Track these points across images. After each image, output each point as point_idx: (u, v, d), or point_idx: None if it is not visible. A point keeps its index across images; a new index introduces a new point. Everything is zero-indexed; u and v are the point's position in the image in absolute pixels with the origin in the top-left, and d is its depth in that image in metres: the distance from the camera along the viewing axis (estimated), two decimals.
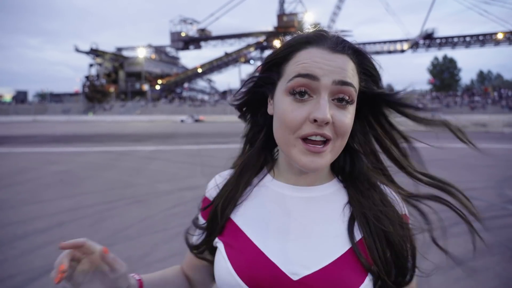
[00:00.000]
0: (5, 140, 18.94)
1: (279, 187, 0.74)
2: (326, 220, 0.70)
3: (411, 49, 75.18)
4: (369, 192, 0.72)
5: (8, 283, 3.23)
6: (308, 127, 0.63)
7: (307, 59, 0.64)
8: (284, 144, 0.67)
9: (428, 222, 0.83)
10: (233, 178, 0.79)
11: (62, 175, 8.53)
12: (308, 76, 0.63)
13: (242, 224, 0.73)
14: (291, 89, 0.64)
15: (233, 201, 0.75)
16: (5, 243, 4.19)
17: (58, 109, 75.30)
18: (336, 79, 0.63)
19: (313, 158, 0.64)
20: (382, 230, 0.67)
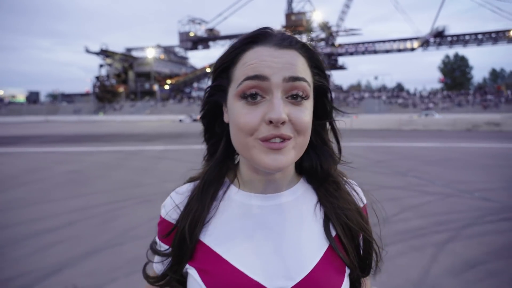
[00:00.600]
0: (18, 140, 19.26)
1: (246, 197, 0.71)
2: (299, 224, 0.68)
3: (422, 47, 74.28)
4: (337, 192, 0.72)
5: (19, 282, 3.26)
6: (265, 129, 0.60)
7: (254, 59, 0.61)
8: (243, 149, 0.63)
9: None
10: (196, 195, 0.72)
11: (72, 175, 8.63)
12: (257, 77, 0.60)
13: (214, 245, 0.68)
14: (241, 93, 0.61)
15: (201, 220, 0.69)
16: (16, 241, 4.24)
17: (69, 109, 76.30)
18: (286, 76, 0.60)
19: (275, 156, 0.60)
20: (352, 227, 0.70)
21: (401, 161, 10.43)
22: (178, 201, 0.74)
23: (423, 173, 8.44)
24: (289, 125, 0.60)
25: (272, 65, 0.60)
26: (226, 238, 0.68)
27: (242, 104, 0.61)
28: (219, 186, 0.73)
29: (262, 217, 0.68)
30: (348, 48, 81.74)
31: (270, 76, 0.59)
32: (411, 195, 6.35)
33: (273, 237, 0.66)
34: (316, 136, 0.74)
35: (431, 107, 57.90)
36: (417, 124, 27.44)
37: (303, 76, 0.62)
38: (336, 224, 0.69)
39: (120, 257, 3.75)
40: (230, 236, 0.68)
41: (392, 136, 19.81)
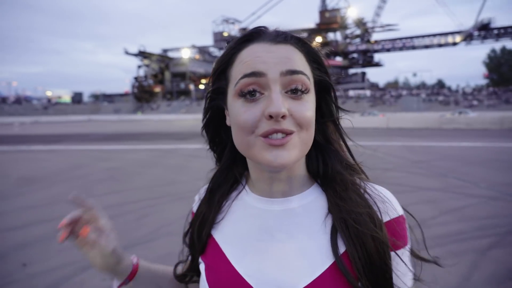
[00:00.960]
0: (63, 138, 20.40)
1: (254, 200, 0.70)
2: (306, 234, 0.63)
3: (464, 41, 70.68)
4: (346, 192, 0.64)
5: (62, 272, 3.46)
6: (266, 124, 0.58)
7: (249, 57, 0.60)
8: (245, 148, 0.62)
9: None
10: (205, 197, 0.77)
11: (111, 172, 9.02)
12: (253, 74, 0.59)
13: (221, 242, 0.70)
14: (239, 91, 0.60)
15: (210, 220, 0.73)
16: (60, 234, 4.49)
17: (109, 109, 79.83)
18: (283, 70, 0.59)
19: (277, 152, 0.58)
20: (362, 235, 0.59)
21: (441, 162, 9.97)
22: (201, 197, 0.79)
23: (465, 174, 8.02)
24: (291, 120, 0.59)
25: (267, 60, 0.59)
26: (232, 237, 0.69)
27: (241, 102, 0.60)
28: (229, 189, 0.75)
29: (267, 221, 0.67)
30: (384, 44, 79.32)
31: (266, 71, 0.58)
32: (451, 197, 6.06)
33: (275, 244, 0.64)
34: (319, 135, 0.70)
35: (475, 104, 54.95)
36: (459, 123, 26.09)
37: (301, 69, 0.60)
38: (344, 234, 0.60)
39: (153, 252, 3.86)
40: (236, 236, 0.69)
41: (432, 135, 18.99)
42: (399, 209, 0.66)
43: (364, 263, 0.59)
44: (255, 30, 0.65)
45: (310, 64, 0.64)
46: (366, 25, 79.79)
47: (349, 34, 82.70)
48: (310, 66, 0.64)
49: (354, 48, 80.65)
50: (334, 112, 0.70)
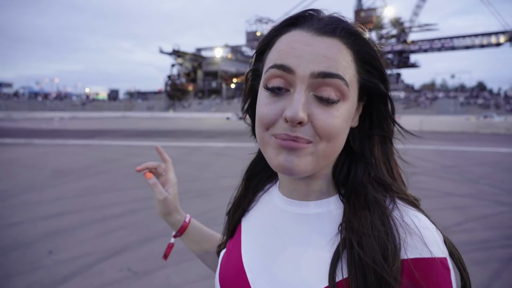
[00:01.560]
0: (97, 133, 21.28)
1: (277, 197, 0.67)
2: (311, 245, 0.56)
3: (509, 42, 66.87)
4: (363, 210, 0.54)
5: (83, 260, 3.64)
6: (281, 126, 0.52)
7: (285, 45, 0.53)
8: (260, 144, 0.57)
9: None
10: (242, 184, 0.77)
11: None
12: (282, 67, 0.52)
13: (244, 232, 0.70)
14: (265, 82, 0.55)
15: (242, 206, 0.74)
16: (86, 224, 4.72)
17: (143, 106, 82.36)
18: (315, 71, 0.50)
19: (288, 156, 0.52)
20: (364, 264, 0.49)
21: (474, 167, 9.54)
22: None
23: (498, 181, 7.63)
24: (310, 128, 0.51)
25: (302, 54, 0.51)
26: (253, 230, 0.68)
27: (267, 94, 0.55)
28: (267, 178, 0.75)
29: (280, 221, 0.63)
30: (421, 44, 76.65)
31: (295, 69, 0.51)
32: (480, 204, 5.79)
33: (280, 247, 0.60)
34: (357, 144, 0.62)
35: None
36: (498, 127, 24.77)
37: (339, 72, 0.51)
38: (348, 256, 0.51)
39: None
40: (255, 229, 0.68)
41: (467, 140, 18.16)
42: (435, 250, 0.49)
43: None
44: (303, 13, 0.57)
45: (358, 66, 0.55)
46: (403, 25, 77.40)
47: (385, 34, 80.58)
48: (357, 68, 0.54)
49: (389, 49, 78.48)
50: (386, 127, 0.61)
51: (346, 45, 0.53)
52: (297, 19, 0.56)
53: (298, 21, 0.56)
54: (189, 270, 3.41)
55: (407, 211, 0.53)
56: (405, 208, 0.54)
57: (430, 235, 0.50)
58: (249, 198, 0.74)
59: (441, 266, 0.48)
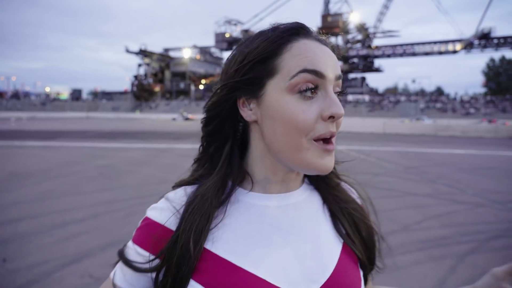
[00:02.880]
0: (59, 134, 20.37)
1: (260, 199, 0.64)
2: (314, 223, 0.67)
3: (465, 49, 70.98)
4: (338, 187, 0.72)
5: (41, 268, 3.47)
6: (322, 126, 0.57)
7: (308, 52, 0.58)
8: (293, 150, 0.58)
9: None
10: (196, 206, 0.62)
11: (103, 169, 9.02)
12: (315, 73, 0.57)
13: (224, 253, 0.59)
14: (296, 87, 0.57)
15: (206, 229, 0.60)
16: (44, 230, 4.51)
17: (108, 106, 79.70)
18: (337, 74, 0.60)
19: (329, 157, 0.59)
20: (357, 219, 0.70)
21: (433, 168, 10.02)
22: (177, 206, 0.63)
23: (454, 181, 8.07)
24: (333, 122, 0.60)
25: (327, 62, 0.58)
26: (239, 243, 0.60)
27: (296, 98, 0.57)
28: (224, 191, 0.64)
29: (278, 218, 0.63)
30: (385, 50, 79.57)
31: (326, 74, 0.58)
32: (438, 203, 6.10)
33: (291, 239, 0.62)
34: None
35: (472, 112, 55.16)
36: (455, 130, 26.19)
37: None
38: (343, 220, 0.69)
39: None
40: (244, 241, 0.61)
41: (426, 142, 19.05)
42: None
43: (360, 243, 0.69)
44: (300, 24, 0.63)
45: None
46: (368, 30, 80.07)
47: (351, 39, 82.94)
48: None
49: (355, 53, 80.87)
50: None
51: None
52: (298, 29, 0.61)
53: (299, 31, 0.61)
54: None
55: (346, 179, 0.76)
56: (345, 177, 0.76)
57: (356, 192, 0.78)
58: (210, 220, 0.61)
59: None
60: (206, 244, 0.60)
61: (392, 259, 3.69)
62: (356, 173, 0.80)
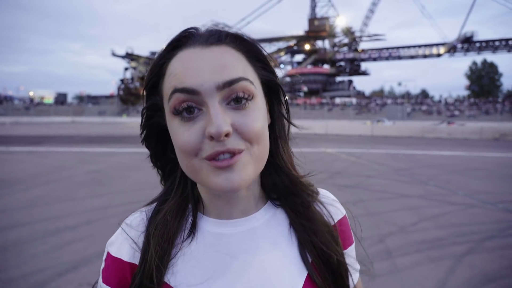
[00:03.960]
0: (45, 139, 19.95)
1: (213, 225, 0.61)
2: (275, 250, 0.61)
3: (448, 53, 72.57)
4: (307, 213, 0.64)
5: (37, 277, 3.37)
6: (209, 146, 0.51)
7: (179, 68, 0.53)
8: (191, 173, 0.55)
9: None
10: (159, 230, 0.60)
11: (93, 175, 8.86)
12: (185, 91, 0.51)
13: (182, 286, 0.57)
14: (173, 109, 0.53)
15: (166, 259, 0.58)
16: (37, 238, 4.39)
17: (94, 111, 78.61)
18: (220, 83, 0.51)
19: (227, 175, 0.51)
20: (328, 255, 0.62)
21: (423, 169, 10.17)
22: (133, 236, 0.62)
23: (445, 182, 8.20)
24: (237, 136, 0.52)
25: (199, 73, 0.51)
26: (195, 276, 0.58)
27: (178, 121, 0.53)
28: (184, 216, 0.63)
29: (233, 246, 0.60)
30: (371, 53, 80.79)
31: (199, 88, 0.51)
32: (431, 204, 6.17)
33: (249, 269, 0.58)
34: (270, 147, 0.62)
35: (457, 114, 56.34)
36: (441, 132, 26.71)
37: (241, 75, 0.53)
38: (310, 249, 0.61)
39: None
40: (199, 273, 0.58)
41: (414, 144, 19.34)
42: (342, 209, 0.71)
43: (328, 275, 0.62)
44: (184, 33, 0.57)
45: (252, 64, 0.57)
46: (354, 34, 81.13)
47: (337, 42, 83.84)
48: (253, 66, 0.57)
49: (342, 57, 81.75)
50: (282, 121, 0.64)
51: (235, 49, 0.55)
52: (179, 41, 0.56)
53: (181, 42, 0.55)
54: None
55: (321, 193, 0.70)
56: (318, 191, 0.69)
57: (336, 200, 0.71)
58: (169, 251, 0.59)
59: (347, 218, 0.71)
60: (167, 278, 0.58)
61: (392, 261, 3.72)
62: (348, 176, 0.77)
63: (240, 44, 0.56)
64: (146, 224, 0.63)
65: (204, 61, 0.52)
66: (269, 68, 0.60)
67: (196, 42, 0.54)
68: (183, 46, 0.55)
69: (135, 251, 0.61)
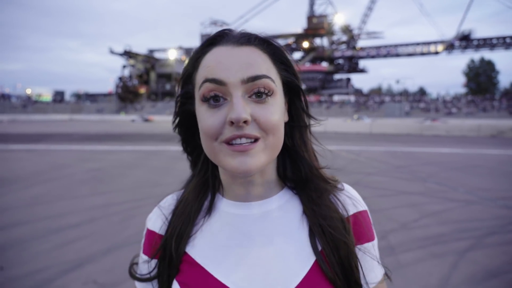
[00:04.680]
0: (43, 137, 19.89)
1: (230, 206, 0.68)
2: (285, 234, 0.65)
3: (446, 51, 72.65)
4: (320, 199, 0.67)
5: (41, 275, 3.38)
6: (228, 130, 0.57)
7: (211, 61, 0.60)
8: (211, 154, 0.61)
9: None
10: (180, 209, 0.71)
11: (94, 173, 8.86)
12: (214, 81, 0.58)
13: (199, 257, 0.65)
14: (202, 96, 0.60)
15: (186, 234, 0.68)
16: (40, 236, 4.39)
17: (92, 108, 78.40)
18: (245, 77, 0.58)
19: (242, 158, 0.57)
20: (337, 240, 0.64)
21: (422, 167, 10.21)
22: (166, 213, 0.72)
23: (444, 179, 8.23)
24: (255, 125, 0.58)
25: (229, 66, 0.58)
26: (211, 250, 0.65)
27: (205, 107, 0.60)
28: (205, 197, 0.71)
29: (245, 226, 0.66)
30: (369, 51, 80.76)
31: (227, 80, 0.58)
32: (432, 201, 6.20)
33: (257, 249, 0.64)
34: (289, 138, 0.69)
35: (454, 112, 56.46)
36: (439, 130, 26.82)
37: (264, 73, 0.59)
38: (320, 235, 0.64)
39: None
40: (214, 247, 0.65)
41: (413, 141, 19.40)
42: (363, 204, 0.71)
43: (337, 264, 0.63)
44: (219, 33, 0.64)
45: (276, 65, 0.63)
46: (352, 32, 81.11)
47: (336, 40, 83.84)
48: (276, 68, 0.63)
49: (340, 54, 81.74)
50: (303, 117, 0.69)
51: (262, 51, 0.62)
52: (215, 39, 0.63)
53: (216, 40, 0.63)
54: None
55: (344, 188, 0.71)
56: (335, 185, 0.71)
57: (357, 196, 0.72)
58: (191, 225, 0.68)
59: (367, 215, 0.71)
60: (187, 248, 0.67)
61: (395, 257, 3.74)
62: (348, 173, 0.77)
63: (267, 47, 0.63)
64: (175, 203, 0.74)
65: (234, 58, 0.59)
66: (291, 70, 0.66)
67: (229, 41, 0.61)
68: (218, 43, 0.62)
69: (164, 224, 0.72)
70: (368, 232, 0.69)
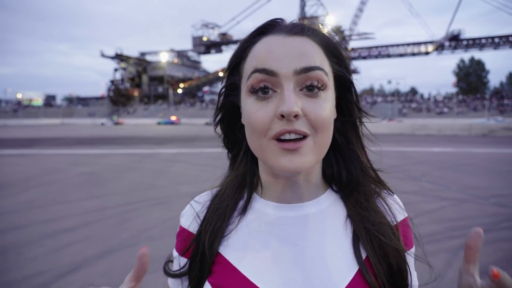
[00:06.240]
0: (35, 142, 19.70)
1: (268, 207, 0.64)
2: (327, 240, 0.60)
3: (436, 51, 73.39)
4: (368, 203, 0.63)
5: (38, 280, 3.36)
6: (278, 125, 0.53)
7: (262, 51, 0.56)
8: (258, 151, 0.58)
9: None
10: (215, 206, 0.67)
11: (87, 176, 8.80)
12: (265, 71, 0.54)
13: (233, 258, 0.61)
14: (251, 88, 0.56)
15: (220, 232, 0.63)
16: (35, 240, 4.35)
17: (84, 112, 77.75)
18: (298, 68, 0.54)
19: (290, 157, 0.54)
20: (385, 246, 0.59)
21: (415, 166, 10.31)
22: (198, 210, 0.69)
23: (437, 178, 8.33)
24: (305, 121, 0.54)
25: (280, 57, 0.54)
26: (246, 251, 0.61)
27: (253, 100, 0.56)
28: (241, 196, 0.67)
29: (283, 229, 0.61)
30: (361, 52, 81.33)
31: (278, 70, 0.54)
32: (425, 200, 6.28)
33: (297, 253, 0.59)
34: (341, 136, 0.66)
35: (446, 111, 57.06)
36: (431, 129, 27.07)
37: (318, 65, 0.55)
38: (366, 242, 0.59)
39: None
40: (250, 249, 0.61)
41: (405, 141, 19.58)
42: (406, 213, 0.68)
43: (385, 273, 0.58)
44: (271, 21, 0.61)
45: (329, 58, 0.59)
46: (344, 33, 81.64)
47: None
48: (329, 61, 0.59)
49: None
50: (354, 112, 0.65)
51: (315, 42, 0.58)
52: (266, 28, 0.60)
53: (266, 29, 0.59)
54: (156, 282, 3.29)
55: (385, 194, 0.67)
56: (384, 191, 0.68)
57: (400, 202, 0.69)
58: (225, 224, 0.65)
59: (409, 221, 0.68)
60: (220, 249, 0.63)
61: None
62: None
63: (320, 38, 0.59)
64: (210, 199, 0.70)
65: (286, 47, 0.55)
66: (344, 64, 0.62)
67: (281, 31, 0.58)
68: (268, 33, 0.59)
69: (196, 222, 0.68)
70: (410, 240, 0.67)
